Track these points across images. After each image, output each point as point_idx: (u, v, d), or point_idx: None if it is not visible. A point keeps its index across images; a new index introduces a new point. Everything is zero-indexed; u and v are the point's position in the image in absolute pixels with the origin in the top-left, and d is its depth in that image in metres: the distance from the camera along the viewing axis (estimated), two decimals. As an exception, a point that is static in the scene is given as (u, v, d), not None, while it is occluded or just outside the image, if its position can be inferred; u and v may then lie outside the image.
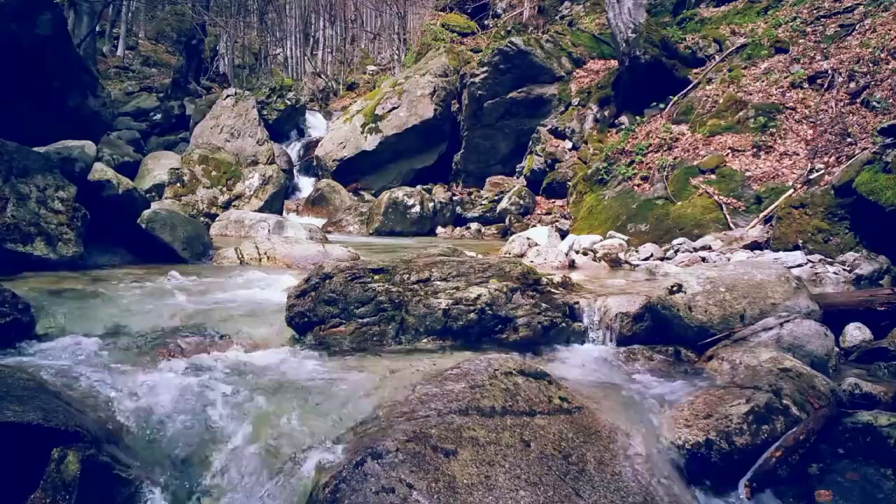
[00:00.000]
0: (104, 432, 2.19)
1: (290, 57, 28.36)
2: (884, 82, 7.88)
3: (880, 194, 5.53)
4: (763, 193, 7.52)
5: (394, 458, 1.91)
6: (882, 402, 2.69)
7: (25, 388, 2.09)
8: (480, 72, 13.44)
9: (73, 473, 1.83)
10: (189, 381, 2.74)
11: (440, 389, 2.34)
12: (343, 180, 14.31)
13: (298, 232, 8.11)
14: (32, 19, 8.75)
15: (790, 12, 11.05)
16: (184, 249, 5.85)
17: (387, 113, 14.85)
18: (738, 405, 2.45)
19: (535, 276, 3.77)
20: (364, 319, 3.37)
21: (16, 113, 8.43)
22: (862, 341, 3.47)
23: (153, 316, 3.64)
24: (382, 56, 28.11)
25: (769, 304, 3.33)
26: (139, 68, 25.20)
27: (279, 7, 29.16)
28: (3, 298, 3.09)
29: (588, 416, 2.35)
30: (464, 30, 19.43)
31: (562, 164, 11.94)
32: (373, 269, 3.60)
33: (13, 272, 4.42)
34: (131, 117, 18.80)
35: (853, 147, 7.17)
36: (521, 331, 3.43)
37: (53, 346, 3.04)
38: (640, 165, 9.23)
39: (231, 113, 15.35)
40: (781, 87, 9.06)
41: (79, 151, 5.31)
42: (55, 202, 4.92)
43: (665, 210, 8.07)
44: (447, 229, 12.08)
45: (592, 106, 12.08)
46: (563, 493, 1.94)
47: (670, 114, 9.95)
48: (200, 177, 11.83)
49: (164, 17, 29.31)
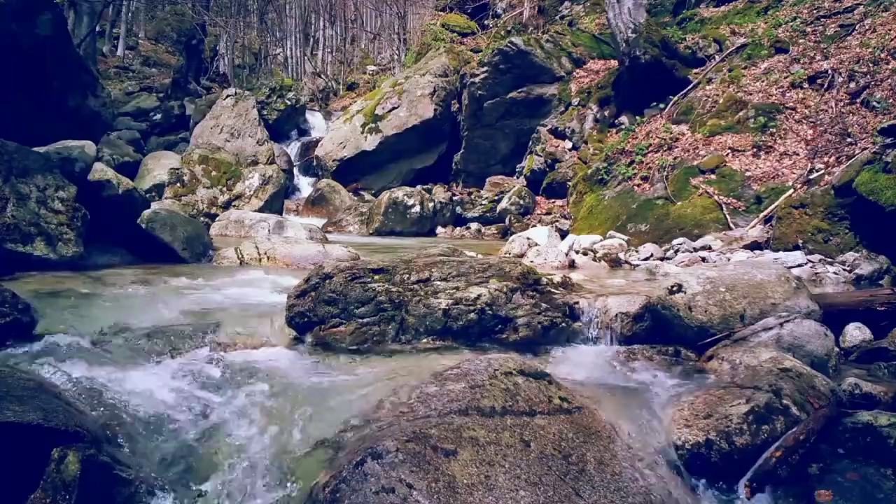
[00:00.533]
0: (104, 432, 2.19)
1: (290, 57, 28.36)
2: (884, 82, 7.88)
3: (880, 194, 5.53)
4: (763, 193, 7.51)
5: (394, 458, 1.91)
6: (882, 402, 2.69)
7: (25, 388, 2.09)
8: (480, 72, 13.44)
9: (73, 473, 1.83)
10: (189, 381, 2.75)
11: (440, 389, 2.34)
12: (343, 180, 14.31)
13: (298, 232, 8.11)
14: (32, 19, 8.75)
15: (790, 12, 11.05)
16: (184, 249, 5.85)
17: (387, 113, 14.85)
18: (738, 405, 2.45)
19: (535, 276, 3.77)
20: (364, 319, 3.37)
21: (16, 113, 8.44)
22: (862, 341, 3.47)
23: (153, 316, 3.65)
24: (382, 56, 28.11)
25: (769, 304, 3.33)
26: (139, 68, 25.19)
27: (279, 7, 29.16)
28: (3, 298, 3.10)
29: (588, 416, 2.35)
30: (464, 30, 19.43)
31: (562, 164, 11.93)
32: (373, 269, 3.60)
33: (13, 272, 4.43)
34: (131, 117, 18.80)
35: (853, 147, 7.17)
36: (521, 331, 3.43)
37: (53, 346, 3.03)
38: (640, 165, 9.23)
39: (231, 113, 15.35)
40: (781, 87, 9.06)
41: (79, 151, 5.31)
42: (55, 202, 4.92)
43: (665, 210, 8.07)
44: (447, 229, 12.07)
45: (592, 106, 12.08)
46: (563, 493, 1.94)
47: (670, 114, 9.95)
48: (200, 177, 11.83)
49: (164, 17, 29.30)
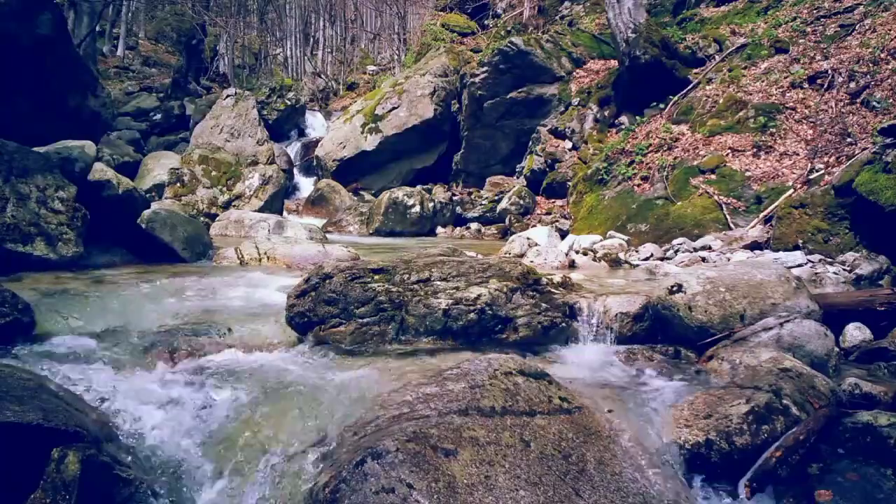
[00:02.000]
0: (104, 432, 2.19)
1: (290, 57, 28.36)
2: (884, 82, 7.88)
3: (880, 194, 5.53)
4: (763, 193, 7.51)
5: (394, 458, 1.91)
6: (882, 402, 2.69)
7: (25, 388, 2.09)
8: (480, 72, 13.44)
9: (73, 473, 1.83)
10: (189, 381, 2.75)
11: (440, 389, 2.34)
12: (343, 180, 14.31)
13: (298, 232, 8.11)
14: (32, 19, 8.75)
15: (790, 12, 11.05)
16: (184, 249, 5.85)
17: (387, 113, 14.86)
18: (738, 405, 2.45)
19: (535, 276, 3.77)
20: (364, 319, 3.37)
21: (15, 113, 8.43)
22: (862, 341, 3.47)
23: (153, 316, 3.64)
24: (382, 56, 28.11)
25: (769, 304, 3.33)
26: (139, 68, 25.19)
27: (279, 7, 29.16)
28: (3, 298, 3.10)
29: (588, 416, 2.35)
30: (464, 30, 19.44)
31: (562, 164, 11.93)
32: (373, 269, 3.60)
33: (13, 272, 4.43)
34: (131, 117, 18.80)
35: (853, 147, 7.17)
36: (521, 331, 3.43)
37: (53, 346, 3.04)
38: (640, 165, 9.23)
39: (231, 113, 15.36)
40: (781, 87, 9.05)
41: (79, 151, 5.31)
42: (55, 202, 4.92)
43: (665, 210, 8.07)
44: (447, 229, 12.07)
45: (592, 106, 12.08)
46: (563, 493, 1.94)
47: (670, 114, 9.95)
48: (200, 177, 11.83)
49: (164, 17, 29.29)
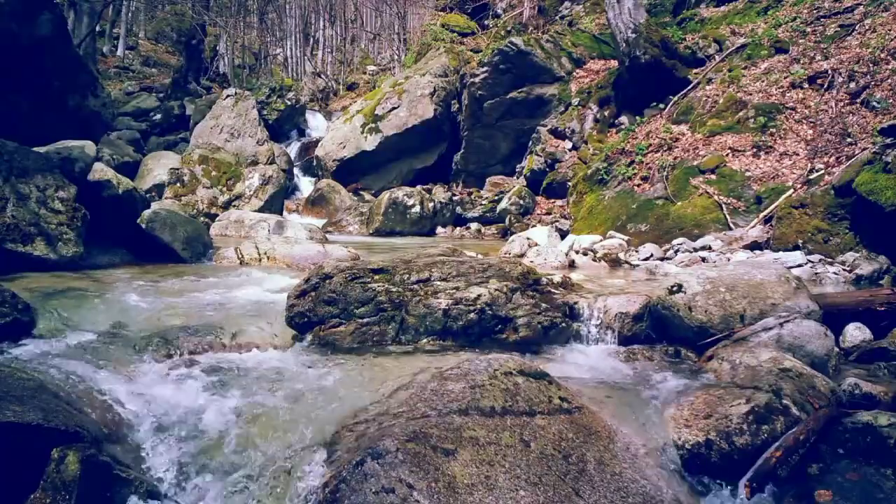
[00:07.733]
0: (104, 432, 2.19)
1: (290, 57, 28.34)
2: (884, 82, 7.88)
3: (880, 194, 5.53)
4: (763, 193, 7.51)
5: (394, 458, 1.91)
6: (882, 402, 2.69)
7: (25, 388, 2.09)
8: (480, 72, 13.43)
9: (73, 473, 1.83)
10: (189, 381, 2.75)
11: (440, 389, 2.34)
12: (343, 180, 14.30)
13: (298, 232, 8.11)
14: (32, 19, 8.75)
15: (790, 12, 11.05)
16: (184, 249, 5.85)
17: (387, 113, 14.85)
18: (738, 405, 2.45)
19: (535, 276, 3.77)
20: (364, 319, 3.37)
21: (15, 113, 8.43)
22: (862, 341, 3.47)
23: (153, 316, 3.64)
24: (382, 56, 28.08)
25: (769, 305, 3.33)
26: (139, 68, 25.17)
27: (279, 7, 29.14)
28: (3, 298, 3.10)
29: (588, 416, 2.35)
30: (464, 30, 19.42)
31: (562, 165, 11.93)
32: (373, 269, 3.60)
33: (13, 272, 4.43)
34: (131, 117, 18.78)
35: (853, 147, 7.17)
36: (521, 331, 3.43)
37: (53, 346, 3.03)
38: (640, 165, 9.23)
39: (231, 113, 15.34)
40: (781, 87, 9.05)
41: (79, 151, 5.31)
42: (55, 202, 4.92)
43: (665, 210, 8.07)
44: (447, 229, 12.07)
45: (592, 106, 12.08)
46: (563, 493, 1.94)
47: (670, 114, 9.95)
48: (200, 177, 11.83)
49: (164, 17, 29.30)
